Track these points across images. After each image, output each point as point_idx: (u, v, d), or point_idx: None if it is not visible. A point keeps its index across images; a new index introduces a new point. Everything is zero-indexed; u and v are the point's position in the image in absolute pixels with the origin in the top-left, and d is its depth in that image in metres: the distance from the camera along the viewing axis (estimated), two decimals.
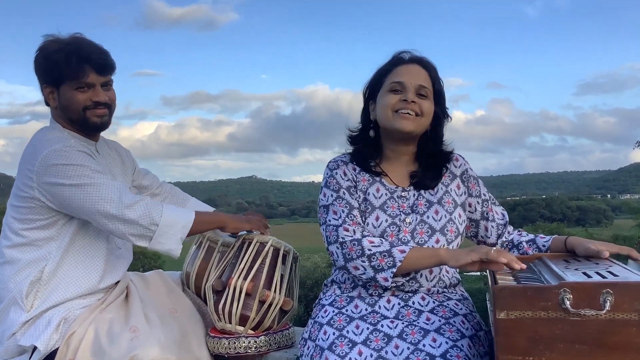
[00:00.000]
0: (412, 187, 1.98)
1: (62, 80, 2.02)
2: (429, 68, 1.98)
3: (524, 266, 1.58)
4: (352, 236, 1.83)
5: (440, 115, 1.99)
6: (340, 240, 1.84)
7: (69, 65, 1.99)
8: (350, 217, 1.89)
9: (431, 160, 2.02)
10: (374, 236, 1.86)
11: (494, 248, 1.63)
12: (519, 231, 2.12)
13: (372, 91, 2.04)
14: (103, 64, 2.06)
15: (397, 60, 2.00)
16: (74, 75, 2.00)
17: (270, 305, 2.08)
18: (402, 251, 1.75)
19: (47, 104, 2.12)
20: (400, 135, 1.95)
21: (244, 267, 2.10)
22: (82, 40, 2.06)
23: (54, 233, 2.00)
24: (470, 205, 2.05)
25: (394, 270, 1.74)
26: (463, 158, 2.09)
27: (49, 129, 2.09)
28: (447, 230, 1.91)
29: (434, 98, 1.96)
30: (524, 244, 2.04)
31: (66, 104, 2.04)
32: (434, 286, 1.91)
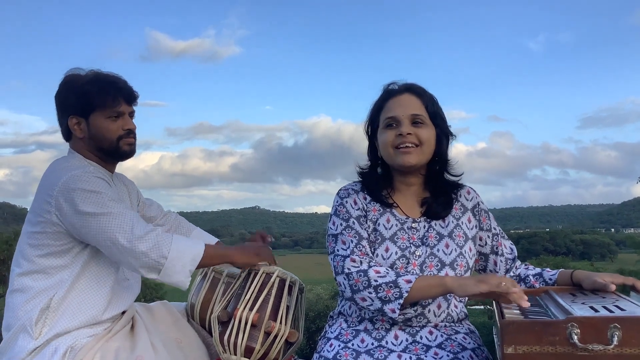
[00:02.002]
0: (422, 218, 1.97)
1: (92, 110, 2.07)
2: (419, 93, 1.97)
3: (528, 304, 1.57)
4: (358, 267, 1.82)
5: (442, 136, 1.97)
6: (347, 271, 1.82)
7: (104, 94, 2.06)
8: (359, 247, 1.87)
9: (440, 186, 2.01)
10: (380, 266, 1.85)
11: (503, 282, 1.59)
12: (525, 265, 2.12)
13: (373, 129, 2.04)
14: (132, 93, 2.15)
15: (387, 94, 2.00)
16: (106, 104, 2.07)
17: (275, 336, 2.07)
18: (408, 281, 1.74)
19: (67, 135, 2.15)
20: (405, 170, 1.96)
21: (249, 297, 2.09)
22: (108, 73, 2.14)
23: (67, 261, 2.01)
24: (480, 239, 2.04)
25: (401, 301, 1.73)
26: (474, 191, 2.08)
27: (67, 158, 2.13)
28: (457, 265, 1.90)
29: (432, 120, 1.95)
30: (531, 277, 2.04)
31: (98, 133, 2.09)
32: (442, 321, 1.90)
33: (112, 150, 2.12)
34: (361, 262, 1.84)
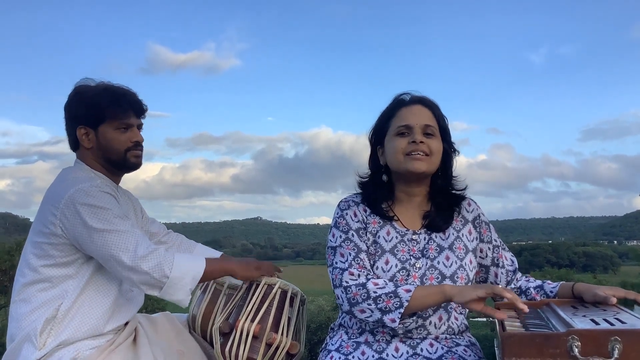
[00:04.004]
0: (423, 231, 1.97)
1: (102, 121, 2.09)
2: (432, 106, 1.99)
3: (527, 309, 1.59)
4: (356, 280, 1.82)
5: (449, 151, 2.00)
6: (345, 284, 1.83)
7: (115, 106, 2.09)
8: (357, 260, 1.88)
9: (444, 199, 2.01)
10: (378, 278, 1.85)
11: (501, 285, 1.64)
12: (526, 277, 2.11)
13: (378, 136, 2.04)
14: (141, 106, 2.18)
15: (399, 103, 2.01)
16: (116, 116, 2.09)
17: (277, 348, 2.07)
18: (408, 290, 1.75)
19: (74, 146, 2.16)
20: (413, 177, 1.95)
21: (251, 309, 2.09)
22: (118, 85, 2.16)
23: (72, 271, 2.01)
24: (481, 251, 2.04)
25: (402, 310, 1.73)
26: (475, 203, 2.08)
27: (74, 169, 2.14)
28: (458, 277, 1.90)
29: (442, 135, 1.98)
30: (532, 289, 2.03)
31: (106, 144, 2.11)
32: (443, 333, 1.90)
33: (120, 161, 2.14)
34: (359, 276, 1.84)
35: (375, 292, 1.77)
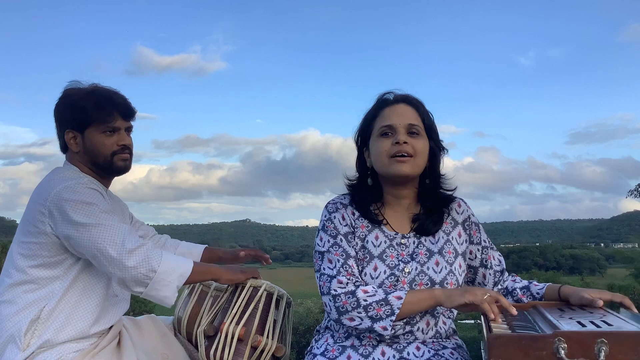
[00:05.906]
0: (412, 234, 1.94)
1: (88, 125, 2.07)
2: (416, 104, 1.94)
3: (515, 312, 1.59)
4: (345, 288, 1.79)
5: (436, 149, 1.95)
6: (333, 292, 1.79)
7: (100, 109, 2.06)
8: (345, 267, 1.84)
9: (433, 201, 1.97)
10: (367, 284, 1.82)
11: (488, 294, 1.64)
12: (513, 277, 2.09)
13: (363, 138, 2.00)
14: (129, 109, 2.15)
15: (382, 103, 1.96)
16: (102, 119, 2.07)
17: (262, 351, 2.05)
18: (399, 297, 1.73)
19: (64, 149, 2.16)
20: (398, 180, 1.92)
21: (236, 312, 2.07)
22: (107, 88, 2.14)
23: (59, 272, 1.99)
24: (470, 253, 2.01)
25: (393, 318, 1.71)
26: (466, 203, 2.04)
27: (63, 169, 2.12)
28: (447, 283, 1.86)
29: (427, 133, 1.92)
30: (518, 290, 2.02)
31: (92, 148, 2.09)
32: (430, 338, 1.88)
33: (107, 165, 2.12)
34: (347, 284, 1.81)
35: (365, 300, 1.74)
